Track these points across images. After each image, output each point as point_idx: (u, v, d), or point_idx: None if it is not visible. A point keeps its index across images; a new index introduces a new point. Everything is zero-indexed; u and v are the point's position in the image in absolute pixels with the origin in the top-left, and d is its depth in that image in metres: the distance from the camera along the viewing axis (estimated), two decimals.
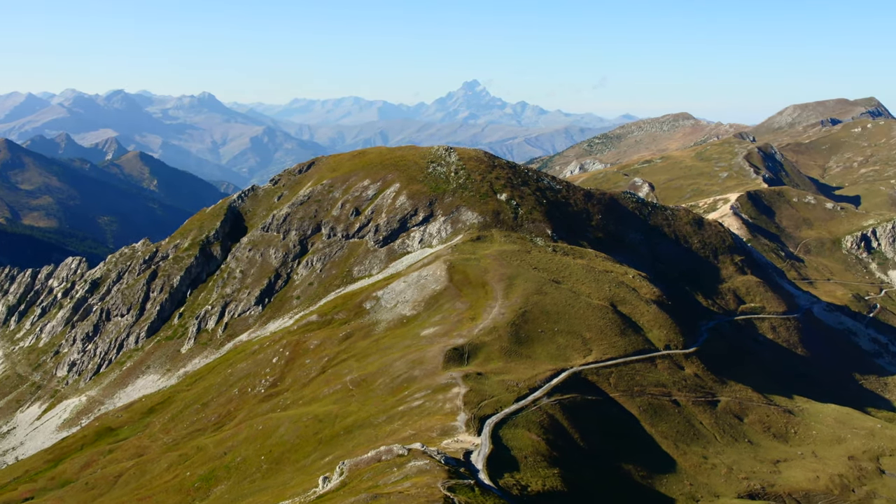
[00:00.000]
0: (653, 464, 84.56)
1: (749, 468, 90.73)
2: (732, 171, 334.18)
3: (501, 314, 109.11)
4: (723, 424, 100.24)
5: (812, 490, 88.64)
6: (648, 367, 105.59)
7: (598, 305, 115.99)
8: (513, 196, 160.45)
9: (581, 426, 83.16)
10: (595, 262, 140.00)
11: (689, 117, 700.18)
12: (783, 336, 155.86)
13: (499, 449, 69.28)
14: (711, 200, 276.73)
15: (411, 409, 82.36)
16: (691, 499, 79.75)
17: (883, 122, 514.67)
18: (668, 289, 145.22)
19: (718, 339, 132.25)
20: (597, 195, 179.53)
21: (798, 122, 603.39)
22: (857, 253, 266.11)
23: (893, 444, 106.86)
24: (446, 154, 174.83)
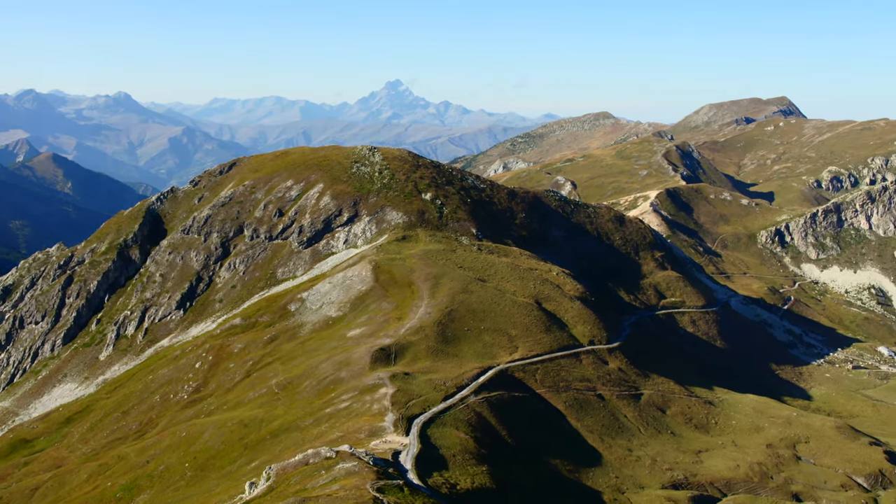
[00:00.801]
0: (579, 458, 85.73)
1: (672, 459, 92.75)
2: (652, 169, 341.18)
3: (428, 313, 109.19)
4: (646, 417, 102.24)
5: (733, 478, 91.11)
6: (573, 362, 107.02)
7: (524, 303, 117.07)
8: (437, 195, 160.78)
9: (509, 423, 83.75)
10: (520, 260, 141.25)
11: (610, 116, 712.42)
12: (703, 329, 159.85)
13: (427, 448, 69.24)
14: (632, 198, 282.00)
15: (339, 411, 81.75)
16: (617, 491, 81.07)
17: (794, 121, 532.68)
18: (592, 285, 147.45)
19: (641, 334, 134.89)
20: (520, 194, 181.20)
21: (714, 121, 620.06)
22: (771, 247, 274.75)
23: (809, 431, 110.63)
24: (370, 154, 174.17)
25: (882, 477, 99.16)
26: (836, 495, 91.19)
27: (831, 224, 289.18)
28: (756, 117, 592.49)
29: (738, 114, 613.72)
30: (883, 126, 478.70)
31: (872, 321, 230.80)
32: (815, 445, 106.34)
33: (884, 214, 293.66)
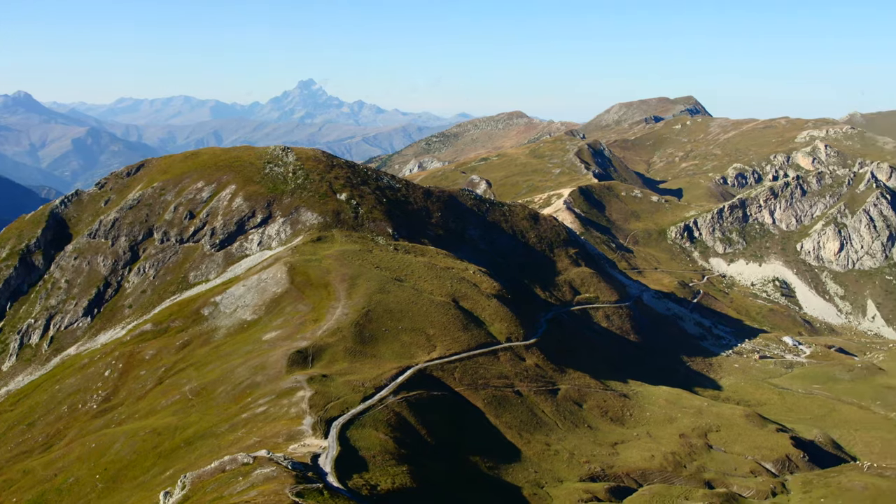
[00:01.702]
0: (499, 454, 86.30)
1: (590, 452, 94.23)
2: (565, 168, 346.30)
3: (345, 314, 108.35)
4: (563, 411, 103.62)
5: (648, 468, 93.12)
6: (491, 360, 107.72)
7: (441, 302, 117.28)
8: (353, 195, 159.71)
9: (428, 422, 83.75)
10: (436, 259, 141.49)
11: (523, 116, 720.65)
12: (617, 324, 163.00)
13: (347, 450, 68.70)
14: (546, 196, 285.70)
15: (255, 416, 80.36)
16: (536, 485, 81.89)
17: (700, 120, 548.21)
18: (508, 283, 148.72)
19: (557, 330, 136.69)
20: (436, 193, 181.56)
21: (624, 120, 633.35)
22: (681, 242, 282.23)
23: (719, 420, 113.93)
24: (283, 154, 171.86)
25: (789, 462, 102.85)
26: (746, 481, 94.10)
27: (737, 219, 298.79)
28: (664, 116, 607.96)
29: (648, 113, 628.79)
30: (784, 124, 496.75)
31: (777, 312, 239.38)
32: (725, 434, 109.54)
33: (786, 209, 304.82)
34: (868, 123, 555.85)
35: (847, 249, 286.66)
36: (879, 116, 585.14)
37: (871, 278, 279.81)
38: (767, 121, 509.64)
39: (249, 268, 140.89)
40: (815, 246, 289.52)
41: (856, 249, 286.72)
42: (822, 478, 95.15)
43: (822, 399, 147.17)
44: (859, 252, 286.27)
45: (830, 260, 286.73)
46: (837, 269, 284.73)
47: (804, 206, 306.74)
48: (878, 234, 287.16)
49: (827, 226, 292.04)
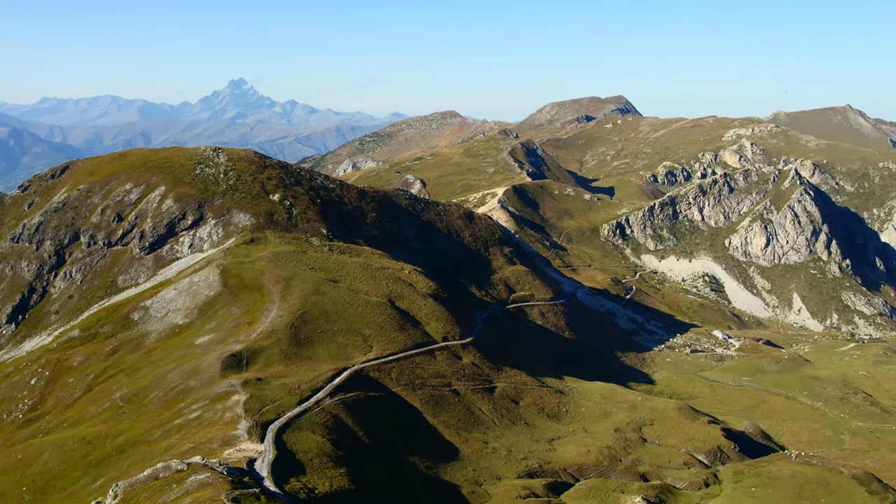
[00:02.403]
0: (437, 453, 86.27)
1: (527, 448, 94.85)
2: (499, 167, 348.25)
3: (279, 317, 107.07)
4: (501, 409, 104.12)
5: (584, 463, 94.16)
6: (428, 359, 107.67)
7: (377, 302, 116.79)
8: (286, 196, 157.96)
9: (366, 423, 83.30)
10: (372, 259, 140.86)
11: (457, 115, 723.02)
12: (552, 321, 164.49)
13: (283, 454, 67.91)
14: (480, 195, 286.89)
15: (189, 422, 78.84)
16: (475, 483, 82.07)
17: (631, 119, 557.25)
18: (444, 282, 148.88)
19: (493, 328, 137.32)
20: (370, 193, 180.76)
21: (557, 119, 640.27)
22: (613, 240, 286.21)
23: (653, 414, 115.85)
24: (214, 155, 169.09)
25: (720, 453, 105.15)
26: (680, 473, 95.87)
27: (667, 216, 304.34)
28: (596, 115, 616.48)
29: (579, 112, 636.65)
30: (711, 123, 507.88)
31: (707, 307, 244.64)
32: (659, 427, 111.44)
33: (714, 206, 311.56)
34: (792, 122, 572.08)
35: (773, 245, 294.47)
36: (803, 115, 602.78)
37: (797, 272, 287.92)
38: (696, 120, 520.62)
39: (181, 271, 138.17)
40: (743, 242, 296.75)
41: (781, 245, 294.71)
42: (753, 467, 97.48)
43: (751, 391, 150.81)
44: (785, 247, 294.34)
45: (757, 255, 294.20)
46: (764, 264, 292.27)
47: (732, 203, 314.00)
48: (803, 229, 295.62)
49: (754, 222, 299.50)
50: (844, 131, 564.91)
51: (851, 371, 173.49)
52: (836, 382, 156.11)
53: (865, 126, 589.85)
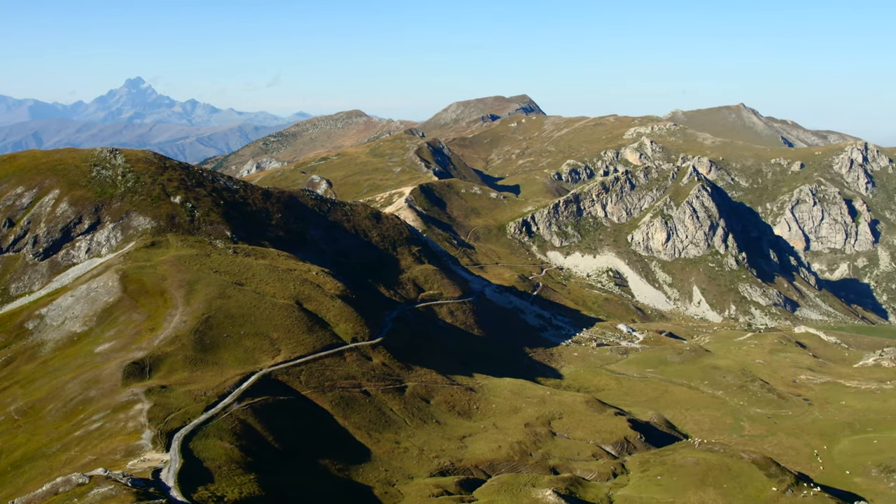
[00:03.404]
0: (348, 455, 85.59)
1: (439, 447, 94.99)
2: (405, 166, 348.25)
3: (183, 322, 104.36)
4: (412, 408, 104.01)
5: (496, 459, 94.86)
6: (338, 361, 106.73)
7: (284, 304, 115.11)
8: (188, 198, 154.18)
9: (275, 428, 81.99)
10: (278, 261, 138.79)
11: (362, 114, 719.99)
12: (461, 319, 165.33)
13: (190, 462, 66.24)
14: (387, 195, 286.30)
15: (90, 433, 76.05)
16: (387, 484, 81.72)
17: (535, 118, 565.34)
18: (352, 283, 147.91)
19: (402, 328, 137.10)
20: (275, 194, 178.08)
21: (462, 118, 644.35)
22: (520, 237, 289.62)
23: (562, 407, 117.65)
24: (111, 156, 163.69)
25: (627, 443, 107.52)
26: (589, 465, 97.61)
27: (572, 213, 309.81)
28: (501, 114, 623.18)
29: (484, 111, 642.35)
30: (613, 122, 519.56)
31: (611, 301, 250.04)
32: (567, 420, 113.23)
33: (617, 203, 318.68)
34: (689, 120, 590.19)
35: (673, 239, 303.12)
36: (699, 113, 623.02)
37: (696, 266, 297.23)
38: (597, 118, 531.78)
39: (78, 277, 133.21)
40: (645, 237, 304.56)
41: (681, 239, 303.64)
42: (658, 456, 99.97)
43: (655, 382, 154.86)
44: (684, 241, 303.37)
45: (659, 250, 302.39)
46: (665, 258, 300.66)
47: (633, 200, 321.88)
48: (701, 224, 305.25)
49: (655, 217, 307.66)
50: (739, 129, 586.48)
51: (749, 360, 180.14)
52: (735, 371, 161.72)
53: (758, 124, 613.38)
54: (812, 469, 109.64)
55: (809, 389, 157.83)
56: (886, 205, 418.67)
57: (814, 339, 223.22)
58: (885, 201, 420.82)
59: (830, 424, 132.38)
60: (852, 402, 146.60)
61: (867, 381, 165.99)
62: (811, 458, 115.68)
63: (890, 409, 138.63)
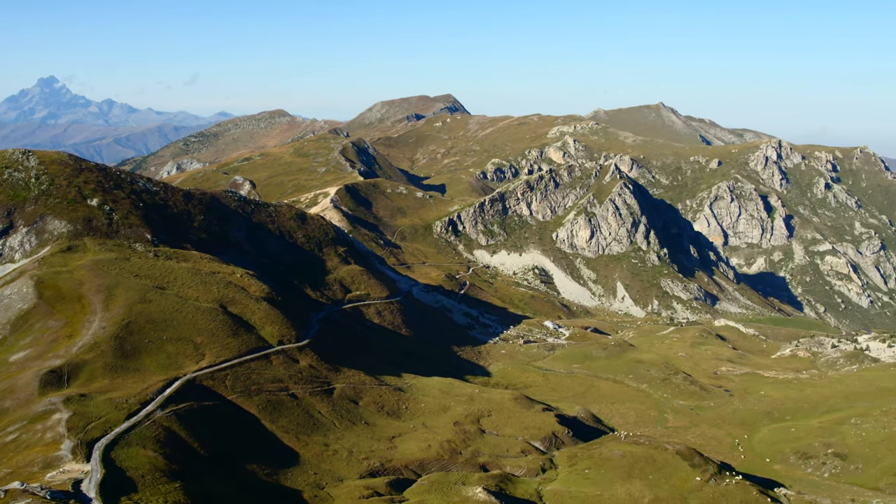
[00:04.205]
0: (277, 460, 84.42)
1: (368, 448, 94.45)
2: (330, 166, 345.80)
3: (102, 328, 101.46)
4: (340, 410, 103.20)
5: (426, 458, 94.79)
6: (264, 364, 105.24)
7: (208, 308, 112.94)
8: (105, 201, 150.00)
9: (200, 434, 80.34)
10: (201, 264, 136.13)
11: (285, 114, 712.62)
12: (388, 319, 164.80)
13: (112, 472, 64.45)
14: (312, 195, 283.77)
15: (5, 445, 73.30)
16: (317, 487, 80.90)
17: (460, 117, 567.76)
18: (278, 285, 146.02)
19: (329, 329, 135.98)
20: (197, 195, 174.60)
21: (387, 118, 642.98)
22: (446, 236, 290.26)
23: (490, 405, 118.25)
24: (24, 158, 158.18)
25: (555, 438, 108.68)
26: (518, 461, 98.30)
27: (497, 212, 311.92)
28: (425, 114, 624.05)
29: (409, 110, 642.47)
30: (536, 121, 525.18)
31: (538, 298, 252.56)
32: (496, 418, 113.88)
33: (541, 201, 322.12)
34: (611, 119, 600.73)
35: (597, 236, 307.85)
36: (620, 112, 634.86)
37: (619, 262, 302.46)
38: (521, 117, 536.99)
39: None
40: (569, 234, 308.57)
41: (605, 236, 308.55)
42: (586, 450, 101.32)
43: (581, 377, 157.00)
44: (608, 238, 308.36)
45: (583, 247, 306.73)
46: (589, 255, 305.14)
47: (558, 198, 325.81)
48: (624, 221, 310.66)
49: (578, 215, 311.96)
50: (659, 128, 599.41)
51: (672, 353, 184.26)
52: (659, 365, 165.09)
53: (677, 123, 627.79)
54: (734, 458, 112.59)
55: (730, 381, 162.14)
56: (800, 200, 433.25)
57: (733, 332, 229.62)
58: (798, 197, 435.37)
59: (750, 414, 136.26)
60: (770, 391, 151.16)
61: (784, 372, 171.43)
62: (733, 448, 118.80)
63: (806, 398, 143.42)
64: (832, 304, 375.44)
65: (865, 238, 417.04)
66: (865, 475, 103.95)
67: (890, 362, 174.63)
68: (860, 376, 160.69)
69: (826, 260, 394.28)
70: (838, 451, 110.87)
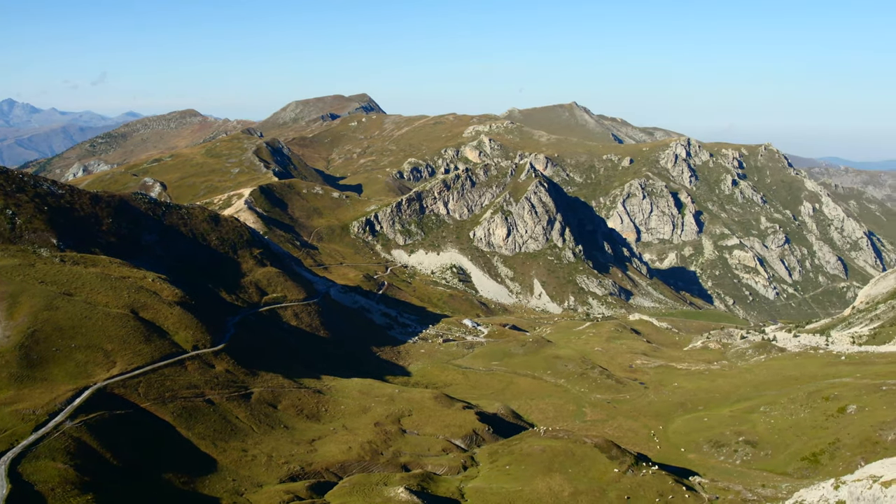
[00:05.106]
0: (194, 467, 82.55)
1: (288, 452, 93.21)
2: (244, 167, 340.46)
3: (7, 337, 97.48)
4: (258, 415, 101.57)
5: (347, 460, 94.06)
6: (179, 370, 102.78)
7: (118, 314, 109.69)
8: (7, 205, 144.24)
9: (113, 444, 77.94)
10: (110, 268, 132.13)
11: (196, 114, 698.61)
12: (306, 321, 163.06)
13: (20, 487, 61.99)
14: (226, 196, 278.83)
15: None
16: (235, 493, 79.45)
17: (375, 117, 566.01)
18: (191, 288, 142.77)
19: (246, 333, 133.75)
20: (105, 198, 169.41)
21: (301, 118, 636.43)
22: (363, 237, 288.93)
23: (410, 405, 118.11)
24: None
25: (476, 436, 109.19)
26: (440, 459, 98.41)
27: (415, 211, 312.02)
28: (340, 113, 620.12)
29: (324, 110, 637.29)
30: (452, 120, 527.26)
31: (456, 297, 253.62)
32: (417, 417, 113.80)
33: (458, 200, 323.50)
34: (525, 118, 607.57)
35: (514, 234, 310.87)
36: (535, 112, 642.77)
37: (536, 260, 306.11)
38: (437, 117, 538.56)
39: None
40: (486, 233, 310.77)
41: (521, 234, 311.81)
42: (506, 446, 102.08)
43: (501, 374, 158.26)
44: (524, 236, 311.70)
45: (500, 245, 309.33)
46: (506, 253, 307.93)
47: (474, 197, 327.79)
48: (540, 219, 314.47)
49: (495, 214, 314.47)
50: (572, 126, 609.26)
51: (588, 348, 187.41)
52: (576, 360, 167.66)
53: (590, 121, 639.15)
54: (650, 449, 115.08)
55: (645, 373, 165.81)
56: (708, 197, 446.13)
57: (647, 326, 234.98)
58: (707, 193, 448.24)
59: (665, 405, 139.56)
60: (684, 383, 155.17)
61: (696, 363, 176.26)
62: (649, 439, 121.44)
63: (718, 388, 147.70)
64: (740, 297, 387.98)
65: (771, 232, 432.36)
66: (775, 461, 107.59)
67: (795, 352, 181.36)
68: (768, 366, 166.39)
69: (734, 254, 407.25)
70: (749, 439, 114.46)
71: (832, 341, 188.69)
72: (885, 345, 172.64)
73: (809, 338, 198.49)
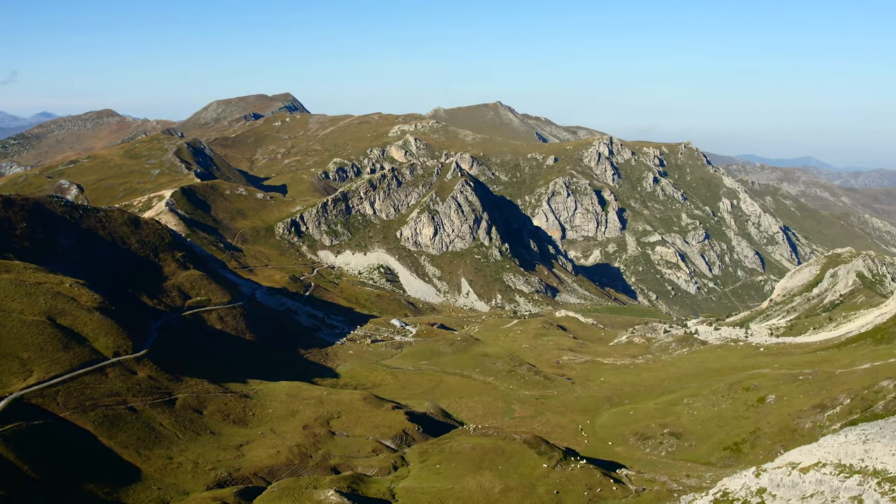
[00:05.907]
0: (116, 477, 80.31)
1: (214, 458, 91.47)
2: (164, 168, 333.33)
3: None
4: (183, 421, 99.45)
5: (275, 464, 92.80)
6: (99, 378, 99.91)
7: (34, 321, 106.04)
8: None
9: (31, 456, 75.26)
10: (25, 274, 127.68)
11: (114, 114, 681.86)
12: (231, 325, 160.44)
13: None
14: (146, 198, 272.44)
15: None
16: (161, 502, 77.66)
17: (299, 116, 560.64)
18: (111, 293, 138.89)
19: (169, 338, 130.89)
20: (18, 201, 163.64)
21: (223, 118, 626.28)
22: (289, 238, 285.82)
23: (339, 406, 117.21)
24: None
25: (406, 436, 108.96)
26: (370, 460, 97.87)
27: (341, 212, 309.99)
28: (264, 113, 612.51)
29: (247, 110, 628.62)
30: (377, 119, 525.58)
31: (384, 297, 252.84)
32: (346, 419, 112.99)
33: (385, 200, 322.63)
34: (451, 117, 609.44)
35: (441, 234, 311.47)
36: (460, 111, 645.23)
37: (463, 258, 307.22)
38: (362, 116, 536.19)
39: None
40: (413, 232, 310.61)
41: (448, 233, 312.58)
42: (437, 445, 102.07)
43: (430, 373, 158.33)
44: (451, 235, 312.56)
45: (427, 244, 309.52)
46: (434, 252, 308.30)
47: (401, 196, 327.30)
48: (466, 218, 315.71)
49: (422, 213, 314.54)
50: (497, 126, 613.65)
51: (516, 345, 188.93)
52: (504, 357, 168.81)
53: (515, 121, 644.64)
54: (578, 443, 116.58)
55: (572, 369, 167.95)
56: (631, 194, 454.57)
57: (573, 322, 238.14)
58: (629, 191, 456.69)
59: (592, 400, 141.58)
60: (610, 377, 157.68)
61: (622, 358, 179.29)
62: (577, 434, 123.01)
63: (643, 382, 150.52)
64: (663, 292, 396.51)
65: (691, 228, 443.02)
66: (698, 451, 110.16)
67: (716, 344, 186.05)
68: (690, 359, 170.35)
69: (656, 250, 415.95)
70: (673, 431, 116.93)
71: (751, 333, 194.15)
72: (801, 336, 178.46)
73: (730, 330, 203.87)
